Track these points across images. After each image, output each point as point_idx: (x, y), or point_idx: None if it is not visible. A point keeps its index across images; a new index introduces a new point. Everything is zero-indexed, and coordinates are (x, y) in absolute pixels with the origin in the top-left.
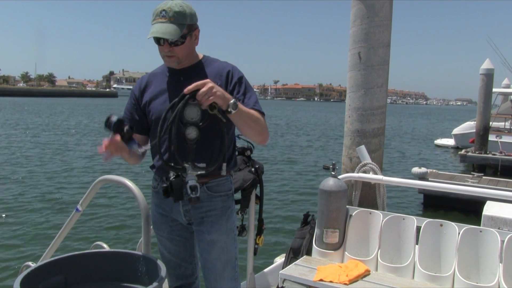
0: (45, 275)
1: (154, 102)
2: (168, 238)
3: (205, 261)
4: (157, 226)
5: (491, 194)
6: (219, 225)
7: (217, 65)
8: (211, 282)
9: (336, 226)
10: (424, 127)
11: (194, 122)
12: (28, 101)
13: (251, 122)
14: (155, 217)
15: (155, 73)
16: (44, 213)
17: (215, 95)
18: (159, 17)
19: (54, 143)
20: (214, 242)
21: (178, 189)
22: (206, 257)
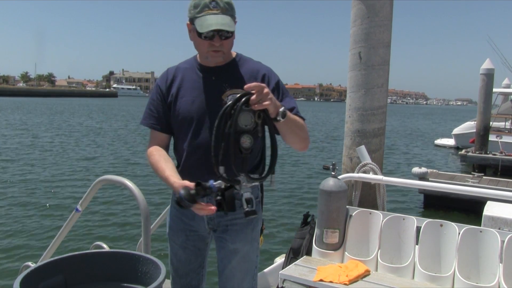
0: (45, 275)
1: (181, 100)
2: (181, 246)
3: (225, 268)
4: (172, 232)
5: (492, 194)
6: (244, 234)
7: (251, 66)
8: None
9: (336, 226)
10: (424, 127)
11: (248, 130)
12: (28, 101)
13: (297, 129)
14: (173, 224)
15: (183, 67)
16: (44, 213)
17: (271, 101)
18: (209, 8)
19: (54, 143)
20: (237, 251)
21: (231, 202)
22: (227, 264)
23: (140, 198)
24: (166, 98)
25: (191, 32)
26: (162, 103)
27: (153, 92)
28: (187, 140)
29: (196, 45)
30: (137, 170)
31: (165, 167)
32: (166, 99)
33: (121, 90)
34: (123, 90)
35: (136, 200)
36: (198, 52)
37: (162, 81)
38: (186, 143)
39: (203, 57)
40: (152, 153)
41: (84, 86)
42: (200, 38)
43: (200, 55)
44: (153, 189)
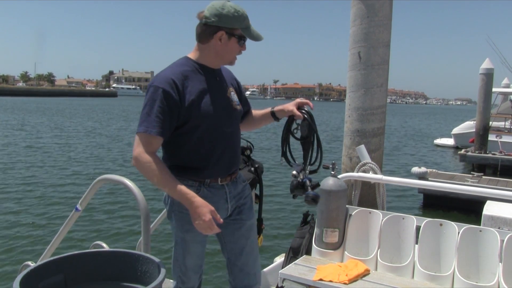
0: (45, 275)
1: (200, 103)
2: (200, 243)
3: (244, 246)
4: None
5: (491, 194)
6: (252, 209)
7: (226, 69)
8: (250, 265)
9: (335, 225)
10: (424, 126)
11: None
12: (27, 101)
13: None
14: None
15: (185, 70)
16: (43, 212)
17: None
18: (248, 20)
19: (54, 142)
20: (252, 226)
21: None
22: (245, 242)
23: (139, 197)
24: (182, 104)
25: (223, 40)
26: (173, 110)
27: (160, 99)
28: (216, 138)
29: (226, 51)
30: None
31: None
32: (180, 106)
33: (120, 90)
34: (122, 90)
35: (136, 199)
36: (221, 57)
37: (172, 89)
38: (213, 142)
39: (225, 60)
40: (155, 161)
41: (84, 86)
42: (238, 45)
43: (221, 59)
44: (152, 189)
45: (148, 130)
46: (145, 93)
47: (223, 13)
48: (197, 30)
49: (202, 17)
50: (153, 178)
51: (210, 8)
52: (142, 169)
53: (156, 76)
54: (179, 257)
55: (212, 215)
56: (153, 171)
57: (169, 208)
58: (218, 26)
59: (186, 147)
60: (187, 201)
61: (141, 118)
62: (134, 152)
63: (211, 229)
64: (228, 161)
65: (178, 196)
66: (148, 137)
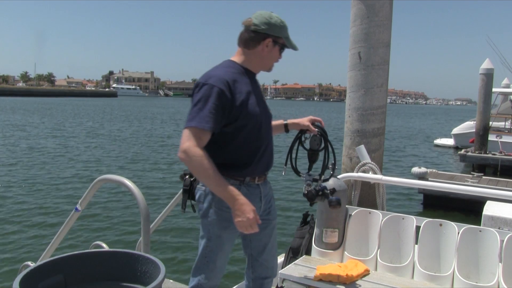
0: (45, 275)
1: (248, 104)
2: (232, 241)
3: (267, 243)
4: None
5: (491, 194)
6: (276, 209)
7: None
8: (270, 260)
9: (335, 225)
10: (424, 126)
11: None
12: (27, 101)
13: None
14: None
15: (234, 72)
16: (43, 212)
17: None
18: (288, 31)
19: (54, 142)
20: (275, 225)
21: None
22: (269, 239)
23: (139, 197)
24: (233, 103)
25: (269, 46)
26: (225, 108)
27: (214, 97)
28: (259, 138)
29: (269, 58)
30: (137, 169)
31: (221, 176)
32: (231, 105)
33: (120, 90)
34: (122, 90)
35: (136, 199)
36: (264, 63)
37: (226, 88)
38: (257, 141)
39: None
40: (205, 156)
41: (84, 86)
42: (278, 53)
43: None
44: (152, 189)
45: (200, 125)
46: (195, 91)
47: (272, 22)
48: (243, 36)
49: (251, 24)
50: (201, 172)
51: (259, 16)
52: (190, 162)
53: (207, 76)
54: (210, 254)
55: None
56: (202, 165)
57: (207, 206)
58: (267, 33)
59: (231, 145)
60: (232, 198)
61: (191, 113)
62: (183, 146)
63: (252, 228)
64: (266, 161)
65: (223, 193)
66: (200, 132)
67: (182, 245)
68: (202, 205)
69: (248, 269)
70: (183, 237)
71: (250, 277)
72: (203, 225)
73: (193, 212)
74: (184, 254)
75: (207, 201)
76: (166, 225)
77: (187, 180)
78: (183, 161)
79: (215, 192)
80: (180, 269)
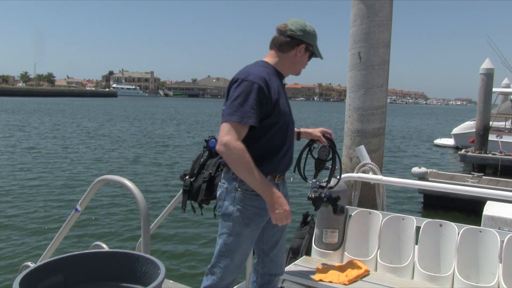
0: (45, 275)
1: (280, 102)
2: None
3: (279, 240)
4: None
5: (491, 194)
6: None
7: None
8: (279, 256)
9: (335, 226)
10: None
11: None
12: (27, 101)
13: None
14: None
15: (269, 73)
16: (43, 213)
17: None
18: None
19: (54, 143)
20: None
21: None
22: (280, 236)
23: (139, 198)
24: (269, 100)
25: (301, 52)
26: (263, 104)
27: (255, 93)
28: (285, 138)
29: (300, 63)
30: (137, 170)
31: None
32: (269, 101)
33: (120, 90)
34: (122, 90)
35: (136, 200)
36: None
37: (264, 86)
38: (282, 141)
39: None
40: (245, 149)
41: (84, 86)
42: (307, 60)
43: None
44: (152, 189)
45: (243, 120)
46: (234, 86)
47: (306, 29)
48: (278, 39)
49: (287, 29)
50: (241, 165)
51: (295, 23)
52: (230, 155)
53: (246, 72)
54: (228, 252)
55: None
56: (242, 158)
57: (228, 203)
58: (301, 40)
59: (259, 142)
60: (269, 192)
61: (232, 108)
62: (223, 139)
63: (287, 219)
64: (287, 161)
65: (261, 186)
66: (240, 126)
67: (182, 246)
68: (223, 202)
69: (258, 265)
70: (183, 237)
71: (259, 273)
72: (223, 222)
73: (193, 212)
74: (184, 255)
75: (229, 199)
76: (166, 225)
77: (187, 181)
78: (222, 154)
79: (253, 186)
80: (180, 269)
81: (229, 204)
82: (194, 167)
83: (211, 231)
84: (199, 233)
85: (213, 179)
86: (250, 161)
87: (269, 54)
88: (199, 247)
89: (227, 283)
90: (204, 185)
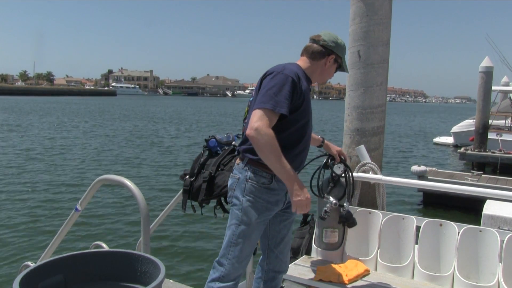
0: (44, 275)
1: (304, 102)
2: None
3: (285, 236)
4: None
5: (491, 194)
6: None
7: None
8: (284, 253)
9: (335, 226)
10: (423, 125)
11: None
12: (26, 100)
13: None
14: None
15: (300, 74)
16: (43, 212)
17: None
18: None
19: (54, 142)
20: (293, 220)
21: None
22: (286, 232)
23: (139, 197)
24: (299, 95)
25: (330, 62)
26: (294, 97)
27: (289, 85)
28: (302, 137)
29: (328, 72)
30: (137, 169)
31: (284, 157)
32: (298, 96)
33: (120, 89)
34: (122, 89)
35: (136, 199)
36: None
37: (297, 80)
38: (300, 139)
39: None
40: (274, 137)
41: (83, 85)
42: (334, 71)
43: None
44: (152, 189)
45: (276, 108)
46: (269, 77)
47: (338, 42)
48: (311, 47)
49: (320, 39)
50: (267, 151)
51: (328, 35)
52: (259, 140)
53: (282, 67)
54: (237, 243)
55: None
56: (272, 145)
57: (238, 193)
58: (332, 50)
59: (283, 133)
60: (292, 178)
61: (266, 96)
62: (255, 124)
63: (307, 208)
64: (300, 161)
65: (286, 173)
66: (272, 114)
67: (182, 245)
68: (233, 192)
69: (263, 261)
70: (183, 237)
71: (264, 269)
72: (232, 213)
73: (193, 212)
74: (184, 254)
75: (240, 189)
76: (166, 225)
77: (187, 180)
78: (251, 139)
79: (278, 172)
80: (180, 269)
81: (239, 195)
82: (194, 167)
83: (211, 231)
84: (199, 233)
85: (213, 178)
86: (278, 148)
87: (301, 59)
88: (199, 247)
89: (236, 276)
90: (204, 184)
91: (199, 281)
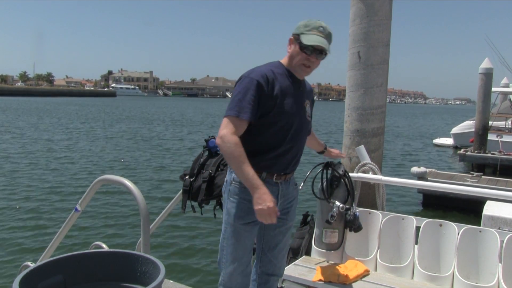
0: (44, 275)
1: (283, 103)
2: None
3: (279, 242)
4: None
5: (491, 194)
6: (295, 211)
7: (308, 84)
8: (279, 259)
9: (335, 226)
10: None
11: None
12: (26, 101)
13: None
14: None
15: (277, 72)
16: (43, 213)
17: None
18: (317, 31)
19: (54, 143)
20: (291, 227)
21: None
22: (281, 239)
23: (139, 198)
24: (269, 96)
25: (292, 44)
26: (260, 99)
27: (252, 89)
28: (284, 139)
29: (294, 56)
30: (137, 170)
31: (249, 165)
32: (268, 98)
33: (119, 90)
34: (121, 90)
35: (136, 200)
36: (292, 62)
37: (264, 81)
38: (282, 141)
39: (295, 68)
40: (239, 143)
41: (83, 86)
42: (300, 51)
43: (293, 65)
44: (152, 189)
45: (240, 115)
46: (237, 83)
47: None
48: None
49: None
50: (231, 158)
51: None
52: (225, 148)
53: (251, 70)
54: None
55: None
56: (233, 152)
57: (226, 196)
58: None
59: (259, 138)
60: (255, 186)
61: (232, 103)
62: (221, 132)
63: (270, 218)
64: (286, 162)
65: (248, 181)
66: (238, 121)
67: (182, 246)
68: (223, 194)
69: (257, 264)
70: (183, 237)
71: (257, 272)
72: (223, 216)
73: (193, 212)
74: (184, 255)
75: (226, 192)
76: (166, 225)
77: (187, 181)
78: (219, 146)
79: (241, 179)
80: (180, 269)
81: (225, 196)
82: (194, 167)
83: (211, 231)
84: (199, 233)
85: (213, 179)
86: (241, 155)
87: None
88: (199, 247)
89: (236, 282)
90: (204, 185)
91: (199, 281)
